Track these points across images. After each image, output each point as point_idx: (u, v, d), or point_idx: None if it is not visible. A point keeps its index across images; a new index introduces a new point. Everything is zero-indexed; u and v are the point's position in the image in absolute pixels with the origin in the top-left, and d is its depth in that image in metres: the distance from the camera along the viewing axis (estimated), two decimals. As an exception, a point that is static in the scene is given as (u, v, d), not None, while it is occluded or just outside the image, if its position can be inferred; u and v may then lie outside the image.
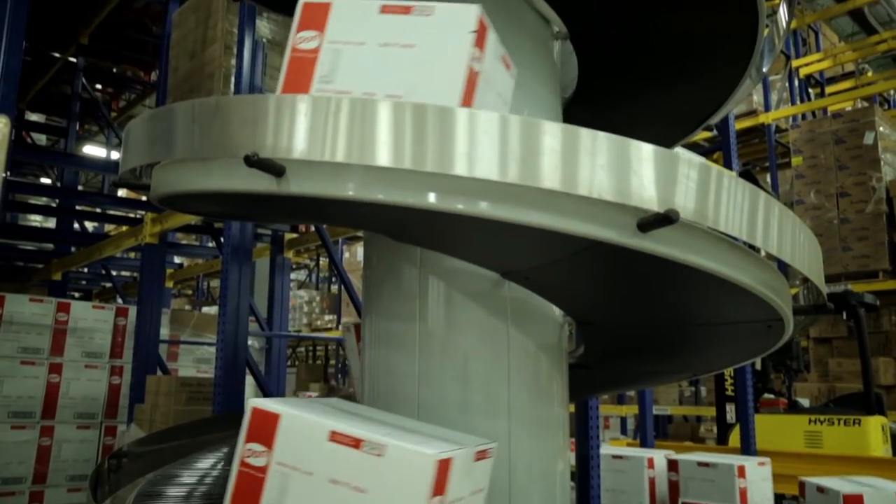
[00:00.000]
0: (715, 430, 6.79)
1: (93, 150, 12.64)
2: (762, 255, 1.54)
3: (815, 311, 2.00)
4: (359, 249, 11.73)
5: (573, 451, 3.55)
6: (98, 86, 9.78)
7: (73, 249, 7.56)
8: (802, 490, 3.46)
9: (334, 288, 14.12)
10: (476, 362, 1.78)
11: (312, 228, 6.02)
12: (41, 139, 12.04)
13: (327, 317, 12.85)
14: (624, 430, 9.57)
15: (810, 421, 5.56)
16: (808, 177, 7.99)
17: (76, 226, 8.30)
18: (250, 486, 1.36)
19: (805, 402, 6.61)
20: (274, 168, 1.34)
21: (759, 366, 6.03)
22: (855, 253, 7.44)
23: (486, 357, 1.79)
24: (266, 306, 5.97)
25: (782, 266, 1.66)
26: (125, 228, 6.50)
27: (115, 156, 9.59)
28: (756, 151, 9.81)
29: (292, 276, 14.17)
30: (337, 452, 1.32)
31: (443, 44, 1.44)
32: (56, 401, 5.38)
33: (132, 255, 8.84)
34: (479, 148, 1.27)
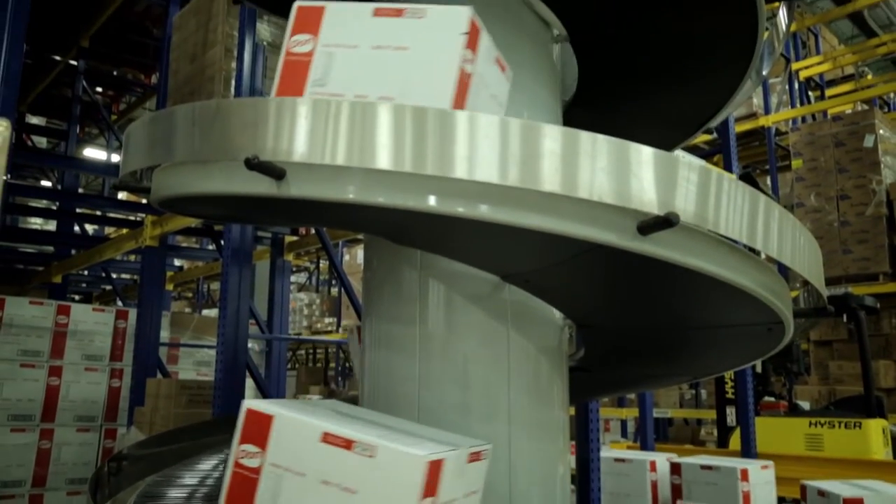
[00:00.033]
0: (715, 433, 6.78)
1: (93, 153, 12.65)
2: (762, 257, 1.54)
3: (815, 314, 1.99)
4: (359, 252, 11.73)
5: (573, 454, 3.55)
6: (98, 89, 9.79)
7: (74, 252, 7.56)
8: (804, 494, 3.46)
9: (334, 291, 14.12)
10: (476, 365, 1.78)
11: (313, 231, 6.02)
12: (42, 142, 12.06)
13: (327, 319, 12.85)
14: (624, 433, 9.56)
15: (811, 424, 5.56)
16: (808, 180, 7.99)
17: (76, 228, 8.31)
18: (244, 486, 1.37)
19: (805, 405, 6.61)
20: (274, 171, 1.34)
21: (759, 369, 6.02)
22: (855, 256, 7.44)
23: (486, 360, 1.79)
24: (266, 309, 5.97)
25: (782, 269, 1.66)
26: (125, 231, 6.51)
27: (115, 159, 9.59)
28: (756, 154, 9.81)
29: (292, 278, 14.17)
30: (329, 453, 1.32)
31: (434, 46, 1.44)
32: (56, 403, 5.38)
33: (132, 258, 8.84)
34: (480, 151, 1.27)
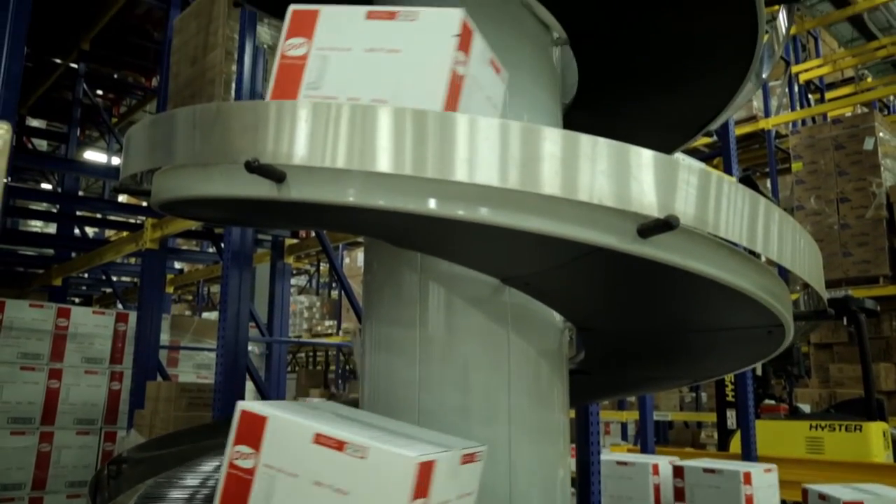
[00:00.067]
0: (715, 436, 6.78)
1: (93, 156, 12.66)
2: (762, 260, 1.54)
3: (815, 317, 1.99)
4: (359, 255, 11.74)
5: (574, 456, 3.54)
6: (99, 91, 9.82)
7: (74, 255, 7.56)
8: (805, 497, 3.46)
9: (335, 293, 14.14)
10: (476, 368, 1.78)
11: (313, 234, 6.03)
12: (42, 145, 12.08)
13: (328, 322, 12.85)
14: (625, 436, 9.56)
15: (811, 427, 5.56)
16: (808, 182, 7.99)
17: (77, 231, 8.32)
18: (238, 487, 1.37)
19: (806, 408, 6.61)
20: (274, 174, 1.34)
21: (759, 371, 6.02)
22: (855, 258, 7.44)
23: (486, 362, 1.78)
24: (266, 312, 5.97)
25: (783, 272, 1.66)
26: (125, 234, 6.52)
27: (115, 161, 9.60)
28: (756, 157, 9.83)
29: (293, 281, 14.16)
30: (321, 454, 1.32)
31: (426, 48, 1.45)
32: (56, 406, 5.38)
33: (132, 261, 8.84)
34: (480, 154, 1.27)
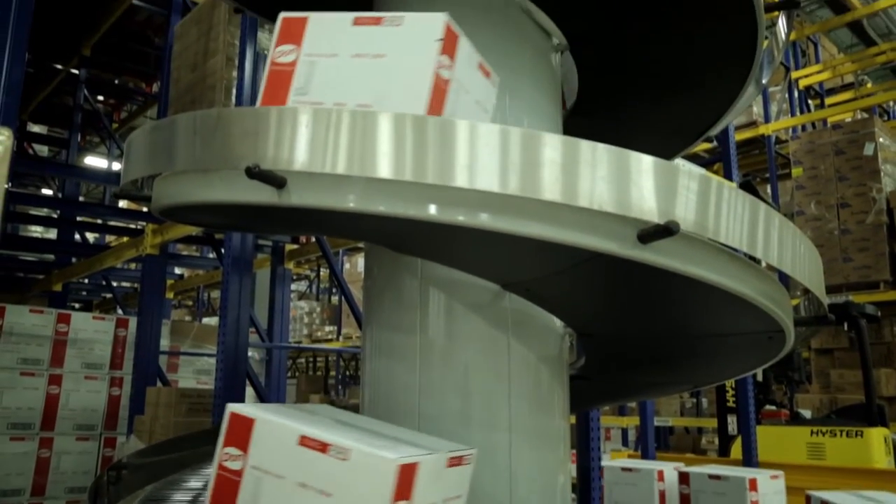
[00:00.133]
0: (716, 441, 6.76)
1: (94, 162, 12.69)
2: (763, 266, 1.54)
3: (816, 322, 1.99)
4: (359, 260, 11.74)
5: (574, 462, 3.54)
6: (100, 97, 9.84)
7: (74, 260, 7.56)
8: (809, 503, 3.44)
9: (335, 299, 14.13)
10: (477, 373, 1.77)
11: (313, 239, 6.03)
12: (43, 150, 12.09)
13: (328, 328, 12.84)
14: (625, 442, 9.54)
15: (812, 432, 5.54)
16: (808, 188, 8.00)
17: (77, 237, 8.31)
18: (227, 489, 1.38)
19: (807, 414, 6.59)
20: (275, 180, 1.34)
21: (760, 377, 6.01)
22: (856, 264, 7.43)
23: (486, 368, 1.78)
24: (266, 317, 5.98)
25: (783, 277, 1.66)
26: (126, 239, 6.51)
27: (116, 167, 9.63)
28: (756, 162, 9.84)
29: (293, 286, 14.16)
30: (306, 456, 1.33)
31: (411, 53, 1.45)
32: (55, 412, 5.37)
33: (133, 266, 8.85)
34: (480, 160, 1.27)
